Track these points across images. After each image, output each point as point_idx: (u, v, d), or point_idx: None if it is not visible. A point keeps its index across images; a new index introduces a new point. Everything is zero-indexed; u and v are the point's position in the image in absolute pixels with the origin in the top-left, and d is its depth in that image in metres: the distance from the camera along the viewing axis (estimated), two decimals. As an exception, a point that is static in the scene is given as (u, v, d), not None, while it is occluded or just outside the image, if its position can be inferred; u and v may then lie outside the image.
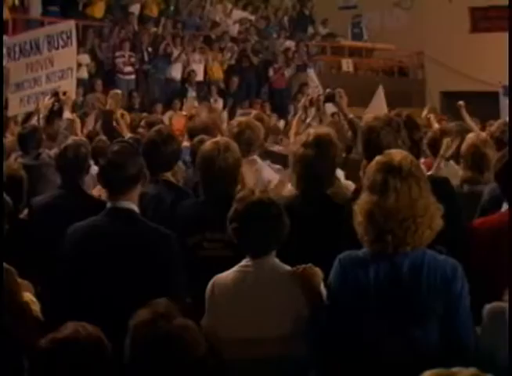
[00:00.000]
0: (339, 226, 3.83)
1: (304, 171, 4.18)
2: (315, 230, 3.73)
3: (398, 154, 3.33)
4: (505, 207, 4.07)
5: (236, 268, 3.57)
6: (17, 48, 10.04)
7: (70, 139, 5.37)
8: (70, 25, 10.40)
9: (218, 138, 4.93)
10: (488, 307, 3.07)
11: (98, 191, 5.63)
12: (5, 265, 3.52)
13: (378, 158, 3.34)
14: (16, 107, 9.94)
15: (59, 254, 3.99)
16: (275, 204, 3.57)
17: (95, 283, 3.87)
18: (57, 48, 9.97)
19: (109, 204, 3.94)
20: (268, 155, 6.25)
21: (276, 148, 7.53)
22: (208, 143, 4.59)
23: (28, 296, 3.65)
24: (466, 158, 5.57)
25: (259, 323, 3.39)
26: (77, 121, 8.51)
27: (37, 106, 8.98)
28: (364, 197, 3.28)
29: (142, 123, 7.69)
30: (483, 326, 3.06)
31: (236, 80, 17.55)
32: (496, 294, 3.15)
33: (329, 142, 4.26)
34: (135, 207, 3.93)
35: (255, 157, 5.63)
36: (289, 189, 4.83)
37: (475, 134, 5.87)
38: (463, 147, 5.61)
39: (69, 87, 9.89)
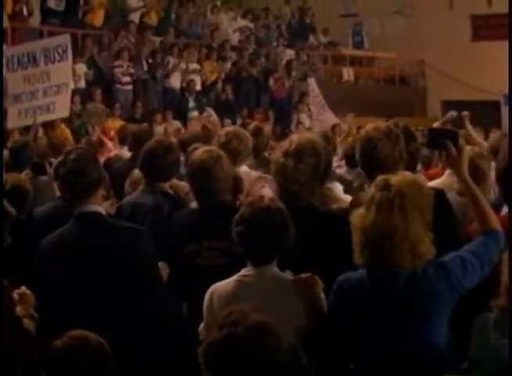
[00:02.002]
0: (325, 235, 3.83)
1: (285, 180, 4.11)
2: (300, 240, 3.63)
3: (400, 175, 3.31)
4: (505, 210, 4.02)
5: (236, 277, 3.55)
6: (15, 60, 10.03)
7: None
8: (66, 39, 10.39)
9: (210, 147, 4.88)
10: (476, 318, 3.07)
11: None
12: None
13: (380, 177, 3.33)
14: (14, 120, 9.92)
15: (36, 267, 4.08)
16: (283, 214, 3.54)
17: (73, 290, 3.91)
18: (53, 62, 9.96)
19: (76, 211, 4.05)
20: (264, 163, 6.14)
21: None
22: (200, 152, 4.54)
23: (26, 309, 3.68)
24: None
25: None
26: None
27: (35, 121, 8.98)
28: (357, 211, 3.29)
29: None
30: (471, 336, 3.06)
31: (234, 89, 17.48)
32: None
33: (311, 150, 4.15)
34: (101, 210, 4.08)
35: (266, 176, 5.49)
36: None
37: (470, 147, 5.80)
38: None
39: (64, 102, 9.89)
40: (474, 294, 3.24)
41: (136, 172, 5.44)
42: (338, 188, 5.50)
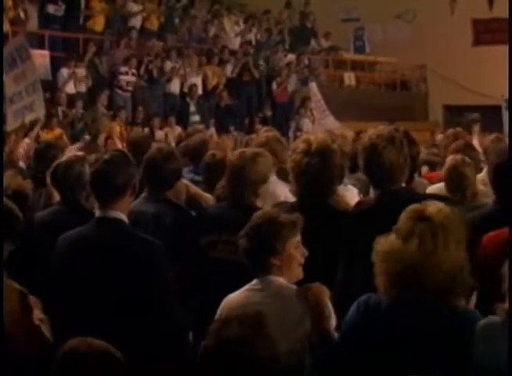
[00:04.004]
0: (340, 235, 3.83)
1: (304, 179, 4.12)
2: (316, 239, 3.65)
3: (435, 206, 3.21)
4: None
5: (246, 287, 3.57)
6: (6, 63, 10.03)
7: (64, 157, 5.28)
8: (21, 38, 10.43)
9: (247, 148, 4.91)
10: (481, 322, 3.02)
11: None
12: (17, 286, 3.62)
13: (412, 207, 3.23)
14: (11, 122, 9.91)
15: (50, 264, 4.04)
16: (278, 220, 3.49)
17: (83, 293, 3.87)
18: (25, 61, 9.98)
19: (97, 214, 3.95)
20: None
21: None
22: (237, 152, 4.60)
23: (38, 315, 3.68)
24: (447, 181, 5.64)
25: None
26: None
27: (23, 122, 8.95)
28: (388, 239, 3.17)
29: None
30: (477, 340, 3.00)
31: (236, 93, 17.46)
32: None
33: (331, 149, 4.20)
34: (124, 217, 3.95)
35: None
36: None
37: (453, 156, 5.86)
38: (444, 170, 5.61)
39: (40, 100, 9.88)
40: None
41: None
42: (351, 191, 5.47)
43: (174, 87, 16.58)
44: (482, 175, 6.06)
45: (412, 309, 3.11)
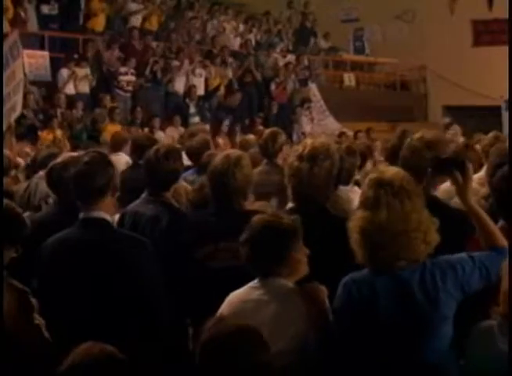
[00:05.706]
0: (337, 240, 3.77)
1: (299, 184, 4.12)
2: (312, 244, 3.63)
3: (389, 170, 3.38)
4: (501, 222, 3.92)
5: (249, 284, 3.57)
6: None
7: (59, 158, 5.28)
8: (14, 35, 10.40)
9: (230, 151, 4.87)
10: (478, 325, 3.08)
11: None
12: (19, 285, 3.65)
13: (370, 175, 3.39)
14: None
15: (35, 268, 4.04)
16: (281, 228, 3.49)
17: (74, 295, 3.88)
18: (16, 60, 9.96)
19: (81, 215, 3.99)
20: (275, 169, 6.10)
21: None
22: (219, 157, 4.57)
23: (36, 317, 3.68)
24: None
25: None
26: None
27: (9, 123, 8.92)
28: (358, 214, 3.31)
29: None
30: (472, 343, 3.08)
31: (237, 95, 17.43)
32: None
33: (325, 153, 4.17)
34: (107, 217, 3.99)
35: None
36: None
37: None
38: None
39: (20, 100, 9.84)
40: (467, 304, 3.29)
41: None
42: (356, 193, 5.47)
43: (178, 87, 16.56)
44: (480, 175, 6.05)
45: (394, 274, 3.21)
